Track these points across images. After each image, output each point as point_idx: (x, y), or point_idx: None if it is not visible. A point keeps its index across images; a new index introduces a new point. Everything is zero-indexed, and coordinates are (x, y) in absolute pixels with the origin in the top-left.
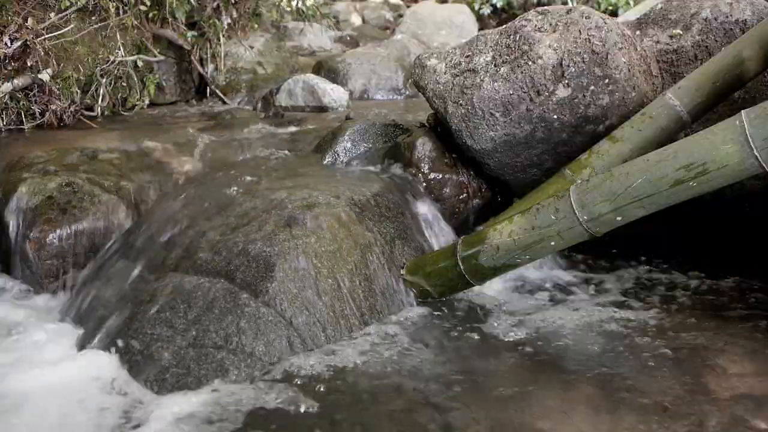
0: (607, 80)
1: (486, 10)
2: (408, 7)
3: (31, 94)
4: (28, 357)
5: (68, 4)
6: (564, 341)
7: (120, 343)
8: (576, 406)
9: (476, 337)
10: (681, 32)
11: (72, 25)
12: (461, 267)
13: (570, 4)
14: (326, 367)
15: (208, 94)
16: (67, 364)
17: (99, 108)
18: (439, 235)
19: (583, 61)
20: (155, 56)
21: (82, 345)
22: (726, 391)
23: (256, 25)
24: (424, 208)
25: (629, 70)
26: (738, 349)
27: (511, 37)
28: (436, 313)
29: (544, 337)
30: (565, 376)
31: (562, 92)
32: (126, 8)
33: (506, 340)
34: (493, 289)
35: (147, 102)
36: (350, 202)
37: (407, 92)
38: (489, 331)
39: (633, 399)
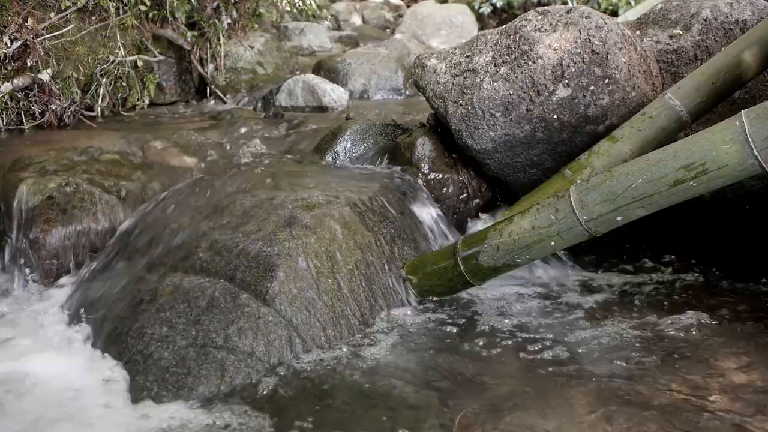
0: (607, 80)
1: (486, 10)
2: (408, 7)
3: (31, 94)
4: (26, 357)
5: (68, 4)
6: (564, 340)
7: (120, 343)
8: (576, 406)
9: (476, 336)
10: (681, 32)
11: (72, 25)
12: (461, 267)
13: (570, 4)
14: (326, 367)
15: (208, 94)
16: (66, 364)
17: (99, 108)
18: (438, 235)
19: (583, 61)
20: (155, 56)
21: (82, 345)
22: (727, 391)
23: (256, 25)
24: (424, 208)
25: (629, 70)
26: (738, 349)
27: (511, 37)
28: (436, 312)
29: (543, 336)
30: (565, 376)
31: (562, 92)
32: (126, 8)
33: (506, 339)
34: (492, 288)
35: (147, 102)
36: (350, 202)
37: (407, 92)
38: (489, 331)
39: (633, 399)
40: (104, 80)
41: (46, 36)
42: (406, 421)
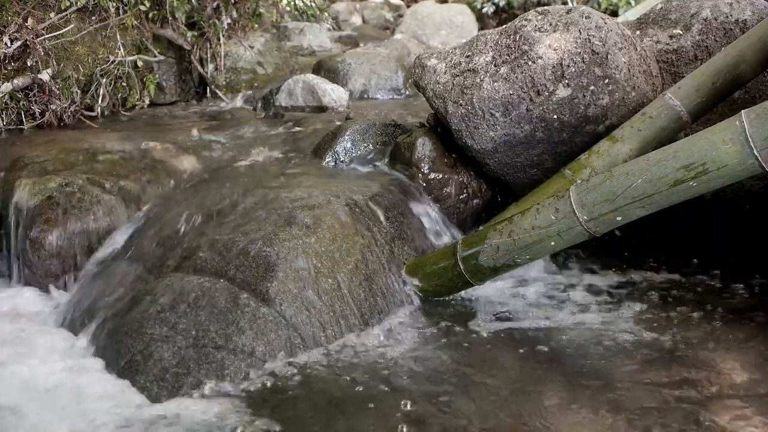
0: (607, 80)
1: (489, 10)
2: (408, 7)
3: (31, 94)
4: (26, 357)
5: (68, 4)
6: (563, 340)
7: (120, 343)
8: (574, 405)
9: (476, 336)
10: (681, 32)
11: (72, 25)
12: (461, 267)
13: (570, 4)
14: (326, 367)
15: (208, 94)
16: (66, 364)
17: (99, 108)
18: (438, 235)
19: (583, 61)
20: (155, 56)
21: (82, 345)
22: (725, 390)
23: (256, 25)
24: (424, 208)
25: (629, 70)
26: (738, 348)
27: (511, 37)
28: (436, 312)
29: (543, 336)
30: (564, 375)
31: (562, 92)
32: (126, 8)
33: (506, 339)
34: (492, 288)
35: (147, 102)
36: (350, 202)
37: (407, 92)
38: (489, 331)
39: (631, 397)
40: (104, 80)
41: (46, 36)
42: (405, 421)
